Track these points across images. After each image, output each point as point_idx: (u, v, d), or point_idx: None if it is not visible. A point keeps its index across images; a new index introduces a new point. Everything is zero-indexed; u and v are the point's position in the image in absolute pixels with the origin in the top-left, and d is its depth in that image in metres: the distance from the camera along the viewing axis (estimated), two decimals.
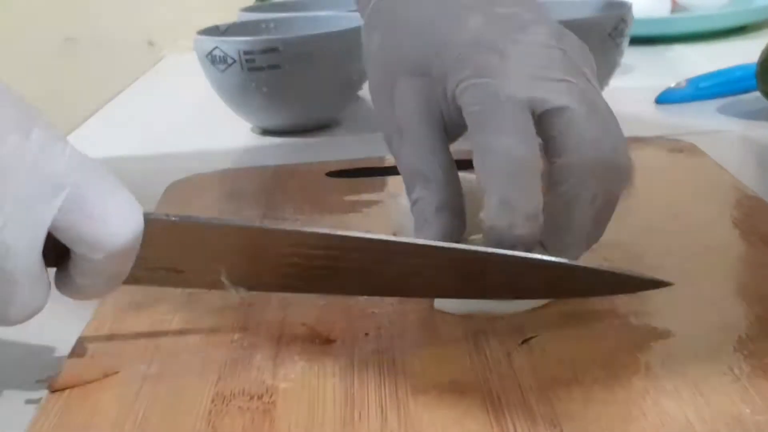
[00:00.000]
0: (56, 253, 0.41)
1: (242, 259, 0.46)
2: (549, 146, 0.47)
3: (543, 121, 0.47)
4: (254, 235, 0.46)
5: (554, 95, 0.46)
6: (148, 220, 0.42)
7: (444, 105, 0.50)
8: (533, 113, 0.46)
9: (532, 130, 0.46)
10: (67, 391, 0.44)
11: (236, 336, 0.48)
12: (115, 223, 0.40)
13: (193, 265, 0.46)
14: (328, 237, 0.46)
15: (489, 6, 0.51)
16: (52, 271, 0.42)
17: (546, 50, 0.48)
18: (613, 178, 0.47)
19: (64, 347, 0.48)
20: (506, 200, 0.45)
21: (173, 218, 0.44)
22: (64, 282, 0.42)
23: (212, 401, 0.42)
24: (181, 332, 0.48)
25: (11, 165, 0.37)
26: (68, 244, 0.40)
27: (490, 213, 0.46)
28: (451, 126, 0.50)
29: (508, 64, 0.47)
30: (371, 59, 0.55)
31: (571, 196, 0.46)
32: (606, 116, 0.47)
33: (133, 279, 0.44)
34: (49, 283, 0.41)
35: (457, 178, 0.50)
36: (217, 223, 0.45)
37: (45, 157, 0.38)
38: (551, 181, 0.47)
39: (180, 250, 0.45)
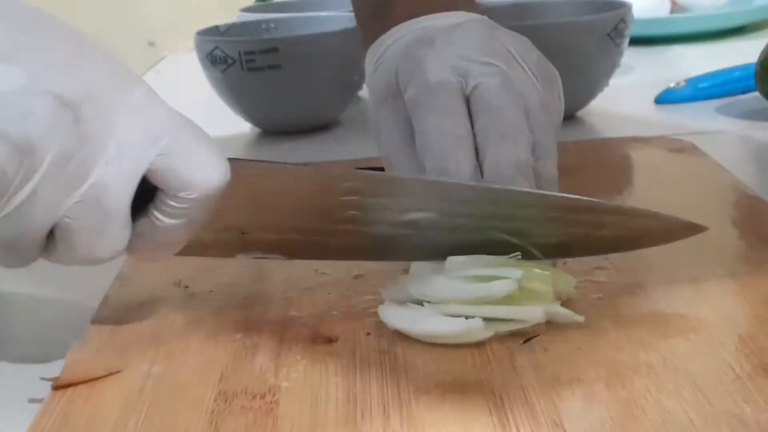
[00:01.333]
0: (136, 205, 0.42)
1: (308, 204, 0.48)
2: (471, 118, 0.52)
3: (470, 97, 0.52)
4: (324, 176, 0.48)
5: (474, 74, 0.52)
6: (233, 163, 0.44)
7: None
8: (464, 93, 0.52)
9: (461, 106, 0.52)
10: (70, 389, 0.44)
11: (238, 335, 0.48)
12: (208, 166, 0.42)
13: (260, 217, 0.48)
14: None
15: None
16: None
17: (476, 39, 0.53)
18: (518, 140, 0.51)
19: (67, 346, 0.48)
20: (442, 170, 0.50)
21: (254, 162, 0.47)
22: (141, 231, 0.43)
23: (215, 400, 0.42)
24: (183, 332, 0.49)
25: (118, 114, 0.41)
26: (162, 185, 0.42)
27: None
28: None
29: (438, 51, 0.53)
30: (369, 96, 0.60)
31: (490, 157, 0.50)
32: (519, 90, 0.52)
33: (197, 247, 0.46)
34: (131, 229, 0.43)
35: None
36: (290, 164, 0.48)
37: (147, 110, 0.42)
38: (477, 145, 0.51)
39: (250, 201, 0.48)
